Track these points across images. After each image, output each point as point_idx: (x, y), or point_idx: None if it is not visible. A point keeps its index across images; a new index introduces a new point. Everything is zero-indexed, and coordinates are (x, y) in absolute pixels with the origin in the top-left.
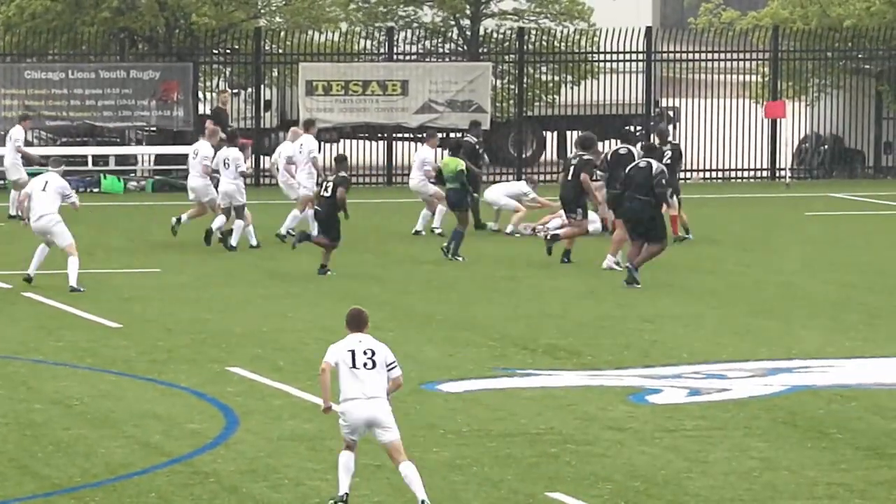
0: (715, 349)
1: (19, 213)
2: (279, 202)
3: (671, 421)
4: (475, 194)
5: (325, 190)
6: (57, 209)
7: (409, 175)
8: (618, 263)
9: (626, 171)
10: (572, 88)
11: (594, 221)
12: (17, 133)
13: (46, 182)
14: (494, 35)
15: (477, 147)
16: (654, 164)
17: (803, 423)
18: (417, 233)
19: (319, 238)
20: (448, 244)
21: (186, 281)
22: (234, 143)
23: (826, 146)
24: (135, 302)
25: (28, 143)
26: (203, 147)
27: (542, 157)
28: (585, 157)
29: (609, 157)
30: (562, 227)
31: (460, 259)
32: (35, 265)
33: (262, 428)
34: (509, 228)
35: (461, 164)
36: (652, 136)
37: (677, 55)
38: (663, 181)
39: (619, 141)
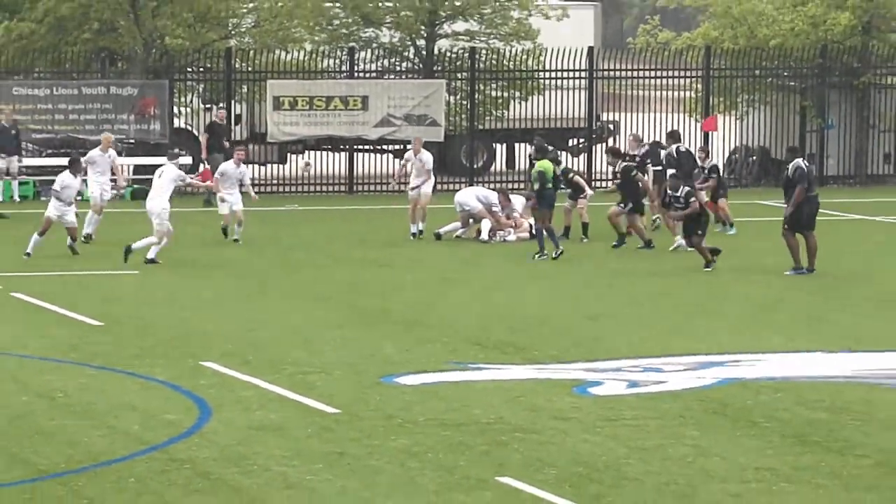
0: (652, 345)
1: None
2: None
3: (612, 411)
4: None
5: None
6: (168, 196)
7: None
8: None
9: (797, 172)
10: (520, 103)
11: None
12: None
13: (162, 172)
14: (448, 54)
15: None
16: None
17: (733, 413)
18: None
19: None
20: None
21: (162, 282)
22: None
23: (754, 157)
24: (115, 302)
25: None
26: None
27: (493, 167)
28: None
29: (676, 153)
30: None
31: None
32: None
33: (234, 418)
34: (484, 236)
35: (551, 166)
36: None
37: (617, 73)
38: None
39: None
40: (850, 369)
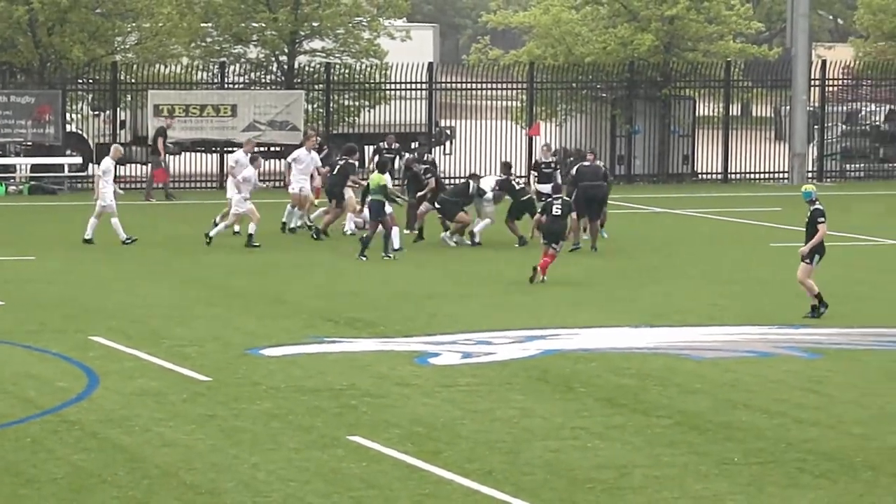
0: (483, 321)
1: None
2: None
3: (448, 378)
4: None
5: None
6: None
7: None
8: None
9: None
10: (369, 112)
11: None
12: None
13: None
14: (307, 68)
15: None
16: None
17: (553, 380)
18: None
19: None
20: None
21: (56, 267)
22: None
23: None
24: (14, 283)
25: None
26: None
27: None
28: (350, 161)
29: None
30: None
31: (392, 256)
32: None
33: (118, 385)
34: (346, 229)
35: (385, 180)
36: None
37: (453, 85)
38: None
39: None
40: (653, 341)
